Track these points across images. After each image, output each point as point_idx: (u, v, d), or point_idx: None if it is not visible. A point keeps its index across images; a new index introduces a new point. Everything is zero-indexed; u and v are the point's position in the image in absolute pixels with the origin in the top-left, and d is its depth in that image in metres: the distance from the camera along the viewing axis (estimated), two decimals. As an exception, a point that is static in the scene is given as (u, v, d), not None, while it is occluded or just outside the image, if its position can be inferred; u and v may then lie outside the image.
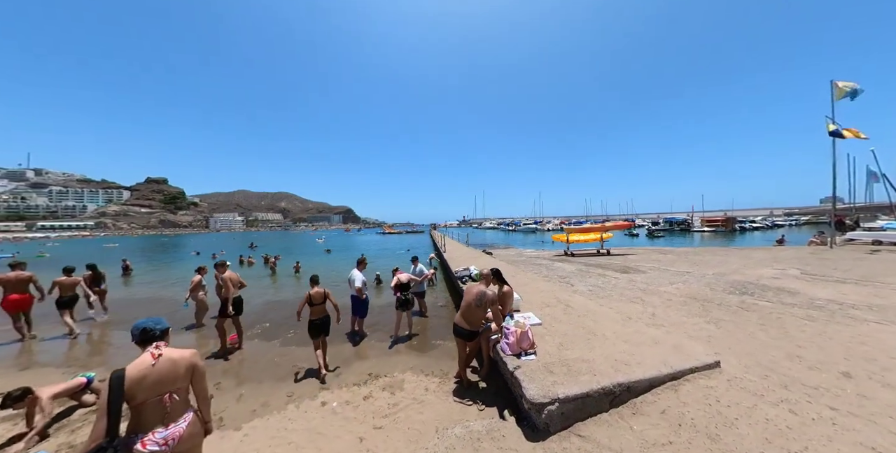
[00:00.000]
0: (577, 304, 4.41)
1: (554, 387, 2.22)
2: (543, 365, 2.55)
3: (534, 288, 5.68)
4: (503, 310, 3.47)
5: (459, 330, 3.00)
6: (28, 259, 21.63)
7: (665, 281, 6.06)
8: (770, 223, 44.64)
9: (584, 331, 3.36)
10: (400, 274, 5.57)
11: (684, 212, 59.58)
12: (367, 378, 3.52)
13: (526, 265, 9.67)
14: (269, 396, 3.24)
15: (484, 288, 3.04)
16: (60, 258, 23.53)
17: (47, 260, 23.29)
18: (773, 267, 7.11)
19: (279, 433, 2.60)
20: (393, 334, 4.93)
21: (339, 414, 2.81)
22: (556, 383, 2.28)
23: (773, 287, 5.10)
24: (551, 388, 2.21)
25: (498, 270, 3.81)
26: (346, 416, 2.75)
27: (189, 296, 5.64)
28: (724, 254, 9.89)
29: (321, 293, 3.98)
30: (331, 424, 2.66)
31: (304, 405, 2.99)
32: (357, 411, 2.83)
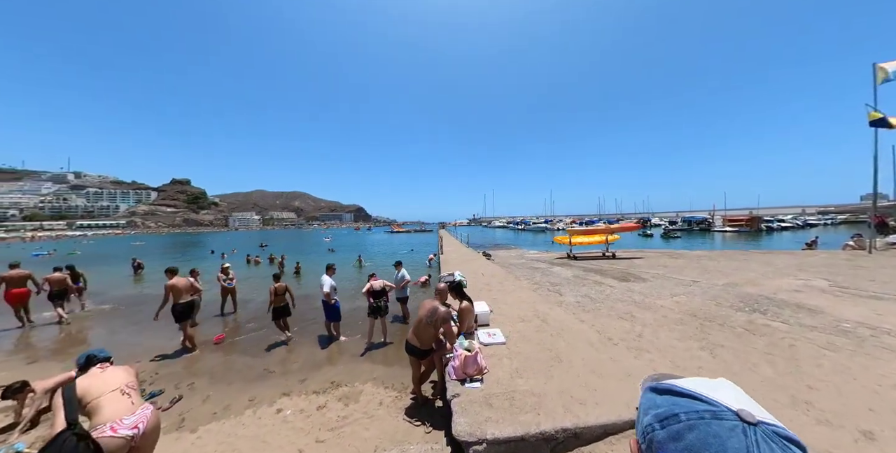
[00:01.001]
0: (555, 320, 3.97)
1: (486, 425, 1.92)
2: (485, 396, 2.25)
3: (516, 298, 5.25)
4: (461, 327, 3.16)
5: (411, 347, 2.87)
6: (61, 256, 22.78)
7: (666, 292, 5.46)
8: (802, 222, 41.37)
9: (550, 354, 2.97)
10: (374, 280, 5.44)
11: (705, 211, 56.31)
12: (328, 386, 3.54)
13: (521, 269, 9.18)
14: (232, 399, 3.34)
15: (437, 304, 2.85)
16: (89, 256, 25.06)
17: (77, 257, 24.88)
18: (796, 276, 6.30)
19: (228, 438, 2.67)
20: (367, 341, 4.88)
21: (290, 422, 2.85)
22: (491, 420, 1.97)
23: (792, 303, 4.43)
24: (482, 426, 1.92)
25: (458, 284, 3.48)
26: (295, 426, 2.78)
27: None
28: (743, 260, 9.01)
29: (283, 286, 5.18)
30: (278, 433, 2.71)
31: (261, 411, 3.06)
32: (307, 421, 2.85)
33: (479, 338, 3.31)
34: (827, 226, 41.69)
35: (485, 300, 5.25)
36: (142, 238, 70.60)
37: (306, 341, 5.15)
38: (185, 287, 4.94)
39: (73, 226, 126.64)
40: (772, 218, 41.21)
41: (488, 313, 4.03)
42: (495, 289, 6.08)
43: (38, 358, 4.68)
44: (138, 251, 30.50)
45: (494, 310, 4.54)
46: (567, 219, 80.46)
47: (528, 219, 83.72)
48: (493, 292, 5.79)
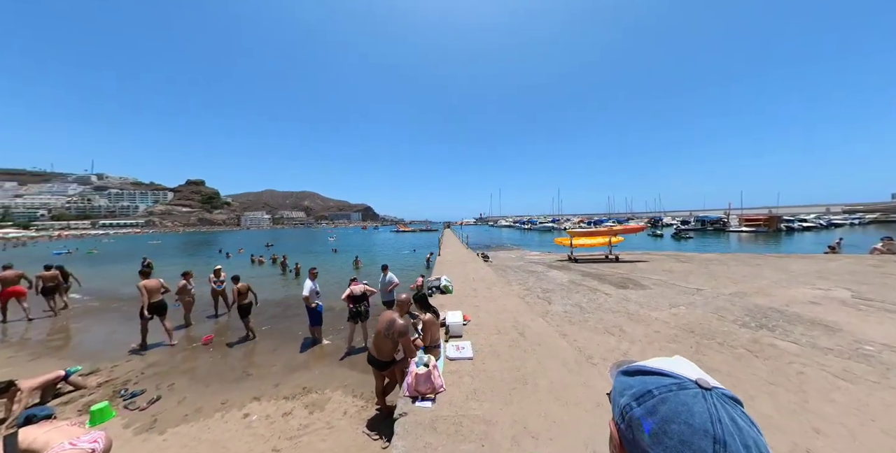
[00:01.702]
0: (534, 333, 3.66)
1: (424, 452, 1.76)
2: (433, 419, 2.11)
3: (499, 306, 4.94)
4: (424, 340, 2.98)
5: (371, 358, 2.80)
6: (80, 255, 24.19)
7: (665, 302, 5.03)
8: (825, 222, 39.09)
9: (516, 374, 2.69)
10: (354, 285, 5.33)
11: (720, 210, 53.99)
12: (299, 392, 3.53)
13: (516, 272, 8.82)
14: (206, 402, 3.37)
15: (395, 316, 2.75)
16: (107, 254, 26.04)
17: (95, 255, 25.90)
18: (814, 285, 5.73)
19: (191, 442, 2.69)
20: (347, 346, 4.82)
21: (253, 428, 2.86)
22: (430, 447, 1.79)
23: (806, 318, 3.95)
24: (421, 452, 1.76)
25: (422, 296, 3.23)
26: (257, 433, 2.79)
27: (177, 299, 6.30)
28: (756, 265, 8.38)
29: (245, 286, 5.50)
30: (239, 439, 2.72)
31: (230, 415, 3.09)
32: (270, 428, 2.85)
33: (447, 352, 3.12)
34: (854, 226, 39.24)
35: (467, 307, 4.99)
36: (158, 237, 73.28)
37: (290, 344, 5.17)
38: (156, 287, 5.27)
39: (96, 226, 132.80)
40: (792, 217, 39.08)
41: (461, 324, 3.78)
42: (481, 295, 5.77)
43: (40, 355, 4.92)
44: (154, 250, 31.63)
45: (473, 319, 4.31)
46: (575, 218, 78.86)
47: (535, 218, 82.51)
48: (478, 299, 5.50)
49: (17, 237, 68.98)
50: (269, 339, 5.50)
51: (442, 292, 6.13)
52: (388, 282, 6.23)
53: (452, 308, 4.96)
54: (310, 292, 5.00)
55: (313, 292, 5.11)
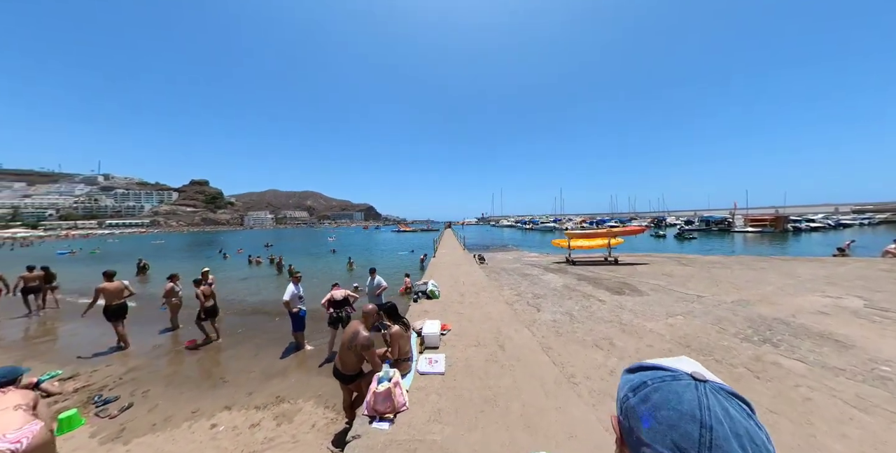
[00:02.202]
0: (515, 347, 3.40)
1: None
2: (386, 443, 1.94)
3: (484, 314, 4.67)
4: (392, 353, 2.85)
5: (336, 371, 2.72)
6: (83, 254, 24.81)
7: (662, 310, 4.72)
8: (833, 222, 38.23)
9: (487, 394, 2.46)
10: (336, 289, 5.20)
11: (725, 210, 53.06)
12: (272, 401, 3.43)
13: (510, 276, 8.53)
14: (177, 410, 3.30)
15: (360, 327, 2.64)
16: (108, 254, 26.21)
17: (98, 255, 26.06)
18: (823, 292, 5.38)
19: None
20: (328, 352, 4.76)
21: (218, 440, 2.78)
22: None
23: (815, 331, 3.62)
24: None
25: (391, 306, 3.00)
26: (220, 445, 2.71)
27: (163, 302, 6.33)
28: (761, 268, 8.01)
29: (209, 289, 5.58)
30: (202, 451, 2.66)
31: (198, 425, 3.02)
32: (234, 440, 2.77)
33: (419, 365, 2.93)
34: (863, 226, 38.32)
35: (451, 314, 4.74)
36: (162, 237, 73.97)
37: (273, 348, 5.11)
38: (116, 290, 5.26)
39: (102, 226, 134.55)
40: (799, 217, 38.25)
41: (438, 335, 3.55)
42: (468, 301, 5.50)
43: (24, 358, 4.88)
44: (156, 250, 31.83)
45: (455, 328, 4.06)
46: (577, 218, 78.20)
47: (537, 218, 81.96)
48: (464, 305, 5.23)
49: (24, 237, 70.04)
50: (252, 343, 5.45)
51: (428, 297, 5.88)
52: (375, 285, 6.09)
53: (436, 314, 4.73)
54: (291, 297, 4.90)
55: (295, 297, 5.05)
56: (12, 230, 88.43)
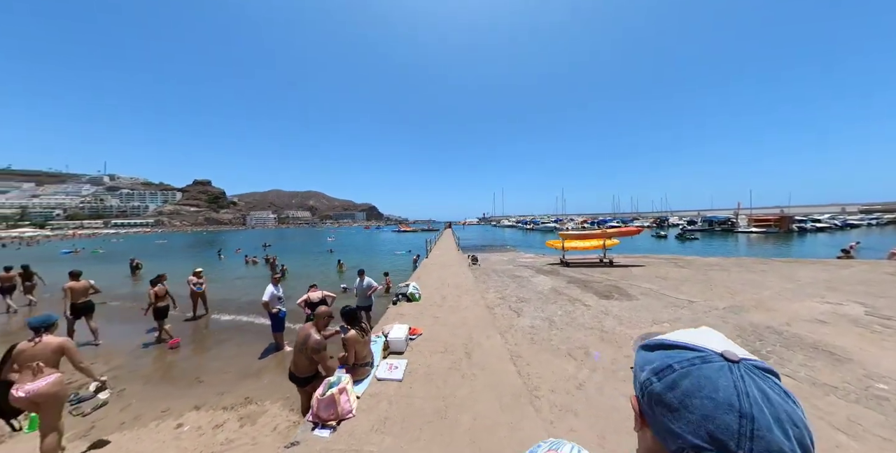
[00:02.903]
0: (483, 354, 3.22)
1: None
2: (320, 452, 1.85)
3: (460, 318, 4.47)
4: (347, 358, 2.77)
5: (290, 374, 2.68)
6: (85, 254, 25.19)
7: (648, 317, 4.46)
8: (840, 223, 37.42)
9: (439, 405, 2.31)
10: (313, 291, 5.19)
11: (729, 210, 52.23)
12: (240, 402, 3.44)
13: (500, 277, 8.30)
14: (148, 409, 3.34)
15: (312, 330, 2.59)
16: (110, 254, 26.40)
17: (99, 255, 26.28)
18: (822, 298, 5.09)
19: (118, 452, 2.67)
20: None
21: (181, 440, 2.80)
22: None
23: (809, 342, 3.35)
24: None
25: (349, 311, 2.87)
26: (181, 445, 2.73)
27: None
28: (760, 271, 7.70)
29: (163, 289, 5.61)
30: (163, 450, 2.69)
31: (165, 424, 3.05)
32: (196, 441, 2.78)
33: (378, 371, 2.85)
34: (871, 227, 37.49)
35: (427, 318, 4.55)
36: (165, 236, 74.58)
37: (254, 349, 5.14)
38: (82, 289, 5.40)
39: (108, 225, 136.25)
40: (805, 218, 37.50)
41: (403, 340, 3.40)
42: (448, 304, 5.30)
43: None
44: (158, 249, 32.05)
45: (426, 333, 3.90)
46: (578, 218, 77.57)
47: (538, 218, 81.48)
48: (443, 308, 5.04)
49: (32, 236, 71.07)
50: (234, 343, 5.50)
51: (408, 299, 5.70)
52: (365, 286, 6.05)
53: (412, 318, 4.57)
54: (270, 297, 4.93)
55: (274, 297, 5.08)
56: (20, 229, 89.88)
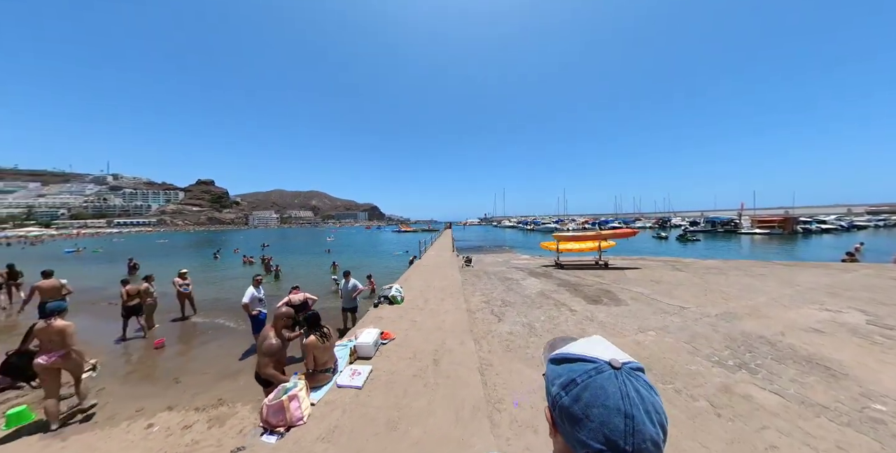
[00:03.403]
0: (452, 361, 3.06)
1: None
2: None
3: (438, 322, 4.29)
4: (306, 364, 2.73)
5: (256, 375, 2.66)
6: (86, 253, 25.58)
7: (635, 324, 4.23)
8: (847, 224, 36.76)
9: (392, 415, 2.19)
10: (294, 293, 5.03)
11: (732, 211, 51.53)
12: (213, 403, 3.44)
13: (489, 279, 8.09)
14: (123, 408, 3.35)
15: (270, 333, 2.59)
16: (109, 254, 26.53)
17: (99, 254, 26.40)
18: (821, 304, 4.82)
19: (86, 450, 2.69)
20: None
21: (148, 441, 2.82)
22: None
23: (803, 354, 3.11)
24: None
25: (311, 315, 2.78)
26: (148, 445, 2.74)
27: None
28: (759, 275, 7.43)
29: (135, 289, 5.82)
30: (129, 450, 2.69)
31: (136, 424, 3.05)
32: (163, 442, 2.79)
33: (341, 377, 2.75)
34: (878, 228, 36.78)
35: (405, 322, 4.37)
36: (166, 236, 75.12)
37: (235, 350, 5.16)
38: (52, 288, 5.45)
39: (111, 224, 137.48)
40: (810, 219, 36.86)
41: (372, 345, 3.25)
42: (429, 308, 5.11)
43: None
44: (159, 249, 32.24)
45: (400, 337, 3.74)
46: (580, 218, 77.04)
47: (539, 218, 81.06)
48: (424, 312, 4.86)
49: (37, 236, 71.81)
50: (217, 344, 5.53)
51: (390, 302, 5.53)
52: (351, 288, 5.98)
53: (390, 321, 4.42)
54: (251, 299, 4.87)
55: (255, 299, 4.99)
56: (26, 229, 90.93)
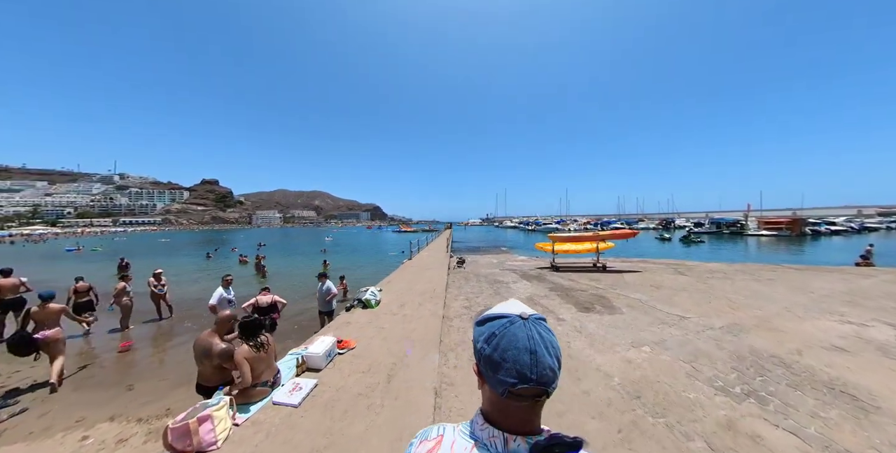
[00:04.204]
0: (408, 378, 2.66)
1: None
2: None
3: (406, 330, 3.88)
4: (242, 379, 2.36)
5: (197, 386, 2.57)
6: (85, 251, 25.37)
7: (628, 337, 3.76)
8: (857, 226, 35.71)
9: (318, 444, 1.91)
10: (263, 295, 4.75)
11: (738, 212, 50.45)
12: (159, 413, 3.20)
13: (478, 282, 7.65)
14: (65, 418, 3.16)
15: (213, 338, 2.46)
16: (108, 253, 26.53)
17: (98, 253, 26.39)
18: (841, 315, 4.31)
19: None
20: None
21: None
22: None
23: (823, 379, 2.63)
24: None
25: (248, 322, 2.42)
26: None
27: (113, 302, 6.10)
28: (768, 280, 6.90)
29: (85, 286, 5.85)
30: None
31: (71, 436, 2.86)
32: None
33: (279, 392, 2.43)
34: (891, 230, 35.68)
35: (372, 329, 3.95)
36: (169, 235, 75.58)
37: None
38: (11, 286, 5.53)
39: (116, 223, 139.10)
40: (819, 220, 35.85)
41: (322, 356, 2.87)
42: (402, 313, 4.69)
43: None
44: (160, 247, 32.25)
45: (361, 346, 3.36)
46: (582, 219, 76.21)
47: (540, 219, 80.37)
48: (395, 318, 4.46)
49: (41, 234, 72.71)
50: (185, 348, 5.29)
51: (364, 306, 5.13)
52: (325, 291, 5.57)
53: (358, 327, 4.05)
54: (219, 301, 4.65)
55: (224, 300, 4.75)
56: (32, 227, 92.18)
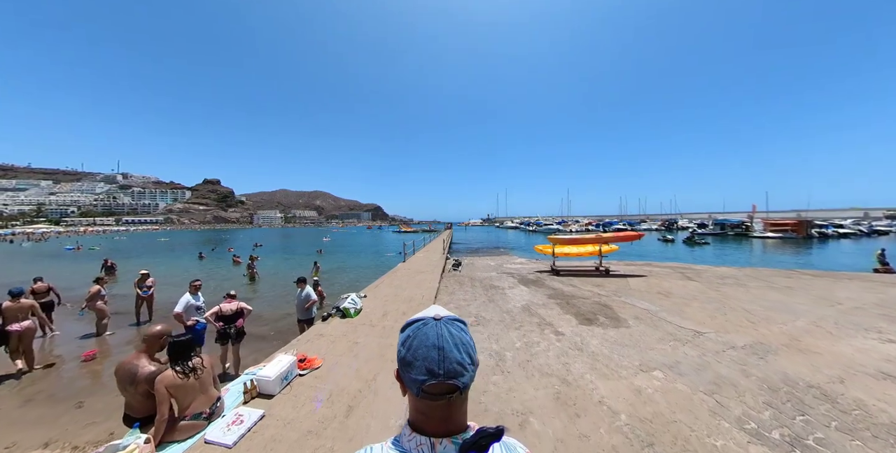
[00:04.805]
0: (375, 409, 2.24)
1: None
2: None
3: (382, 346, 3.47)
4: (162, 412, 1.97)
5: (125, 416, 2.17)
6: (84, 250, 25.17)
7: (636, 356, 3.24)
8: (867, 228, 34.88)
9: None
10: (227, 302, 4.46)
11: (743, 213, 49.62)
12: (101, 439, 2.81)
13: (473, 288, 7.15)
14: None
15: (140, 360, 2.13)
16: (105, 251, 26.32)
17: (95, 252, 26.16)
18: (879, 331, 3.76)
19: None
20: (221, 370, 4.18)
21: None
22: None
23: (884, 422, 2.10)
24: None
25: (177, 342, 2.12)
26: None
27: (85, 306, 5.72)
28: (785, 286, 6.35)
29: (45, 286, 5.77)
30: None
31: None
32: None
33: (213, 427, 2.03)
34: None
35: (345, 343, 3.45)
36: (168, 234, 75.57)
37: None
38: None
39: (119, 222, 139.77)
40: (826, 223, 35.06)
41: (275, 380, 2.45)
42: (385, 323, 4.23)
43: None
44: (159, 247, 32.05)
45: (328, 365, 2.92)
46: (584, 219, 75.46)
47: (541, 219, 79.72)
48: (375, 330, 3.99)
49: (44, 233, 72.93)
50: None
51: (342, 315, 4.65)
52: (304, 298, 5.15)
53: (330, 340, 3.58)
54: (185, 307, 4.42)
55: (191, 307, 4.50)
56: (35, 226, 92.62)
